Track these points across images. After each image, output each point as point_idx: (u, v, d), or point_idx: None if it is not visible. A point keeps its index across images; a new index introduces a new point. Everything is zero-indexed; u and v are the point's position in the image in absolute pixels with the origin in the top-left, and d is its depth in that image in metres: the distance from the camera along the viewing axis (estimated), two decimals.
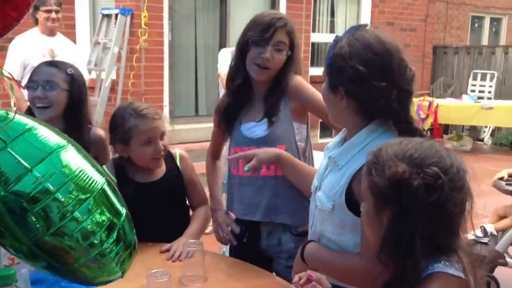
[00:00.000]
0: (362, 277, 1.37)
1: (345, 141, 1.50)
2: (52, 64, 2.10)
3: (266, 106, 1.95)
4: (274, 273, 1.93)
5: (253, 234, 1.98)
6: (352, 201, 1.40)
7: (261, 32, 1.88)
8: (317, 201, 1.51)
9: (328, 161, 1.52)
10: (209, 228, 3.37)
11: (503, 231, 3.30)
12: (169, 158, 2.10)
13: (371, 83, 1.36)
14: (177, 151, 2.15)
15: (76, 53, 4.33)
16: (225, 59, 4.10)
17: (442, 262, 1.09)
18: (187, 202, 2.16)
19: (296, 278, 1.26)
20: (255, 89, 2.00)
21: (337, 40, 1.45)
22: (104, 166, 2.03)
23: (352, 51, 1.38)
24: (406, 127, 1.40)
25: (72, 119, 2.03)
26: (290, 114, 1.95)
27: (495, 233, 3.35)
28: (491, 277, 3.23)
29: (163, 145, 2.00)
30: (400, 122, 1.41)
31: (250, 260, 1.87)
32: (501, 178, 3.29)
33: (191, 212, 2.16)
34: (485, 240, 3.31)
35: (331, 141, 1.61)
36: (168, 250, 1.90)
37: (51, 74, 2.01)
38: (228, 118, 2.02)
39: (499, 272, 3.32)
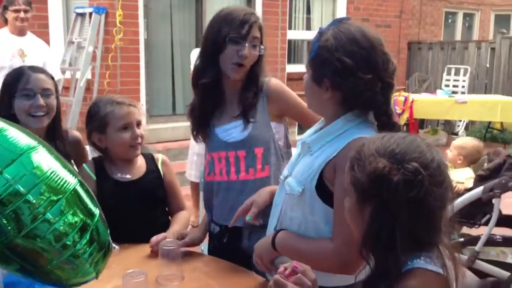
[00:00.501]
0: (334, 260, 1.40)
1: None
2: (40, 70, 2.05)
3: (241, 105, 1.90)
4: (253, 272, 1.94)
5: (234, 235, 1.94)
6: (322, 188, 1.43)
7: (238, 28, 1.82)
8: (286, 186, 1.53)
9: (302, 147, 1.54)
10: (189, 228, 3.36)
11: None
12: (151, 160, 2.11)
13: (357, 75, 1.38)
14: (159, 156, 2.16)
15: (47, 52, 4.27)
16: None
17: (422, 258, 1.10)
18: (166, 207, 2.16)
19: (281, 268, 1.27)
20: (226, 89, 1.93)
21: (321, 32, 1.45)
22: (84, 164, 2.02)
23: (338, 44, 1.40)
24: (386, 121, 1.44)
25: (54, 125, 2.05)
26: (267, 115, 1.92)
27: None
28: None
29: (140, 133, 2.01)
30: (381, 114, 1.43)
31: (231, 260, 1.84)
32: None
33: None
34: None
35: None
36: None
37: (45, 82, 2.00)
38: (201, 121, 1.95)
39: None
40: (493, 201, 3.09)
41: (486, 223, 3.13)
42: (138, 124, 2.03)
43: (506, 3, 12.66)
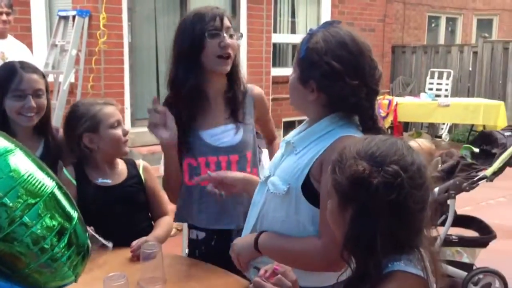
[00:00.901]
0: (322, 258, 1.40)
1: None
2: (32, 70, 2.02)
3: (230, 107, 1.89)
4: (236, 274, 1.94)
5: (222, 237, 1.91)
6: (308, 188, 1.43)
7: (211, 22, 1.80)
8: (270, 185, 1.52)
9: (286, 147, 1.54)
10: (174, 231, 3.36)
11: None
12: (131, 165, 2.12)
13: (344, 80, 1.39)
14: (141, 162, 2.17)
15: (28, 56, 4.22)
16: None
17: (402, 260, 1.10)
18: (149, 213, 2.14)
19: (262, 271, 1.27)
20: (209, 91, 1.89)
21: (311, 33, 1.46)
22: (64, 169, 2.01)
23: (328, 47, 1.40)
24: (372, 125, 1.45)
25: (44, 121, 2.06)
26: (253, 120, 1.94)
27: None
28: (496, 273, 3.21)
29: (128, 130, 2.06)
30: (367, 119, 1.45)
31: (222, 263, 1.80)
32: None
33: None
34: None
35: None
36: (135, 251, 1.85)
37: (37, 82, 1.99)
38: (184, 127, 1.88)
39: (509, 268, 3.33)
40: (448, 201, 3.13)
41: (442, 224, 3.16)
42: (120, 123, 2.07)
43: (487, 7, 12.84)
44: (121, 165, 2.10)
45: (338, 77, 1.39)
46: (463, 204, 3.77)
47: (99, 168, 2.04)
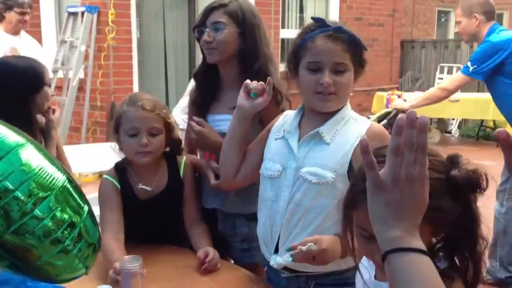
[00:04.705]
0: None
1: (303, 121, 1.63)
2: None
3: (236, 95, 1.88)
4: (230, 259, 2.03)
5: (209, 218, 2.00)
6: (351, 173, 1.48)
7: (199, 19, 1.95)
8: (309, 176, 1.53)
9: (312, 136, 1.58)
10: None
11: None
12: (172, 165, 1.97)
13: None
14: (183, 160, 2.00)
15: (39, 52, 4.27)
16: None
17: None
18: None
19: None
20: (223, 77, 1.99)
21: (338, 28, 1.54)
22: (104, 175, 1.95)
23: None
24: None
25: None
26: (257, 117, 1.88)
27: None
28: None
29: (152, 142, 1.85)
30: None
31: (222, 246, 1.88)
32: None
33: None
34: None
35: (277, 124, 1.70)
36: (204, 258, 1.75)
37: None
38: (197, 110, 2.01)
39: None
40: None
41: None
42: (152, 131, 1.86)
43: (498, 1, 12.72)
44: (162, 166, 1.96)
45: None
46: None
47: (139, 171, 1.93)
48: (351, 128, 1.56)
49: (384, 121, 3.58)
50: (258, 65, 1.89)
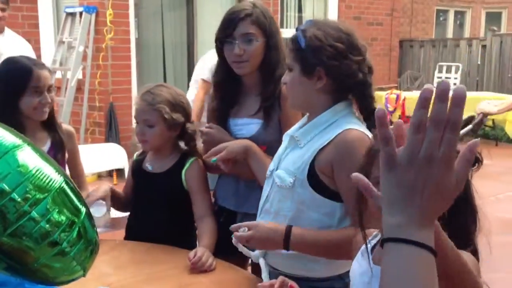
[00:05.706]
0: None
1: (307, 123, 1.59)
2: (43, 66, 2.07)
3: (261, 99, 1.90)
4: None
5: (230, 216, 1.98)
6: (313, 178, 1.49)
7: (224, 30, 1.87)
8: (276, 178, 1.58)
9: (290, 141, 1.60)
10: None
11: None
12: (183, 156, 2.02)
13: (349, 58, 1.47)
14: (191, 159, 2.00)
15: (24, 50, 4.17)
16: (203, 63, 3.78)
17: None
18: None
19: (267, 283, 1.33)
20: (245, 83, 1.96)
21: (302, 29, 1.52)
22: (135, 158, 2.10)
23: (325, 33, 1.48)
24: (370, 102, 1.55)
25: (52, 117, 2.11)
26: (278, 120, 1.90)
27: None
28: None
29: (146, 132, 1.95)
30: (366, 97, 1.54)
31: (222, 240, 1.82)
32: None
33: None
34: None
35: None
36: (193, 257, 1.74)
37: (49, 78, 2.05)
38: (218, 116, 1.99)
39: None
40: None
41: None
42: (146, 122, 1.96)
43: (496, 0, 12.74)
44: (174, 155, 2.01)
45: (344, 56, 1.47)
46: None
47: (151, 154, 2.06)
48: (327, 134, 1.50)
49: (469, 127, 3.12)
50: (279, 73, 1.85)
